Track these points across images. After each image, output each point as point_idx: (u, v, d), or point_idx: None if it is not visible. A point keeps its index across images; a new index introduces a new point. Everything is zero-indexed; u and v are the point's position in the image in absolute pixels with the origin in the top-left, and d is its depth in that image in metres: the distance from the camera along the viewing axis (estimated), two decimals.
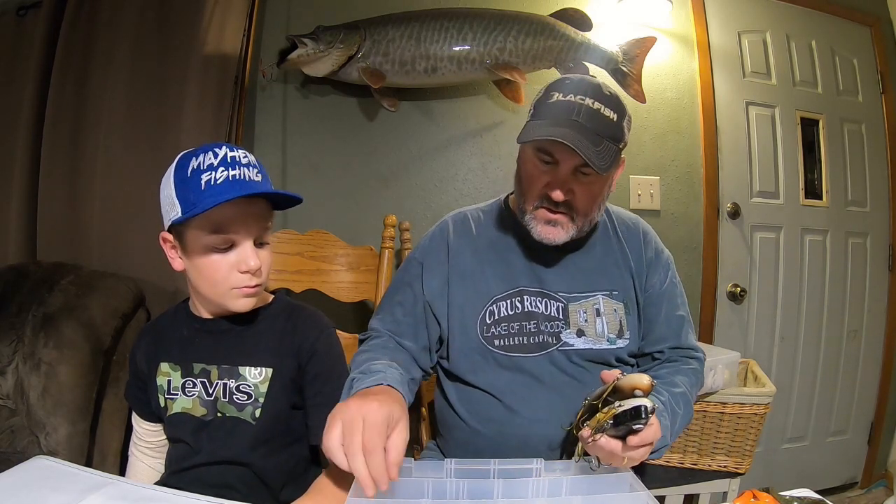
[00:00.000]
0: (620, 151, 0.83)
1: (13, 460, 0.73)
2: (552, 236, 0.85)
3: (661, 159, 1.81)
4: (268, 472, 0.81)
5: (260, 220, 0.76)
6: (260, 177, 0.74)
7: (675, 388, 0.84)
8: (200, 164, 0.71)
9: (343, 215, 1.65)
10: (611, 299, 0.90)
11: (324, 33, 1.51)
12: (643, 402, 0.62)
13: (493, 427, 0.88)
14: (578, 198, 0.83)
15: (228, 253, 0.74)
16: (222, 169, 0.71)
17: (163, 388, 0.82)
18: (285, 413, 0.82)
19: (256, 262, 0.75)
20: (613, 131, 0.80)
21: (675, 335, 0.93)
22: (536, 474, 0.66)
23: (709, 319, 1.84)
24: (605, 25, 1.72)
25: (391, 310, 0.94)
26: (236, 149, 0.74)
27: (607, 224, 0.96)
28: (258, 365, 0.80)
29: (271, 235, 0.82)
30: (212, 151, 0.72)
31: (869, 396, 2.06)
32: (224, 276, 0.74)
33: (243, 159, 0.73)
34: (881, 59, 2.02)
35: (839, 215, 1.98)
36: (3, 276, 1.26)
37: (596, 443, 0.65)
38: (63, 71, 1.51)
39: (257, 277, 0.76)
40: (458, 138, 1.72)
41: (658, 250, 0.96)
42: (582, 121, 0.78)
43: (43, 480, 0.65)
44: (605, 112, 0.80)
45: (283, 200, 0.78)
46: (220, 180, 0.70)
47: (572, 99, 0.80)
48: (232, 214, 0.72)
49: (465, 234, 0.95)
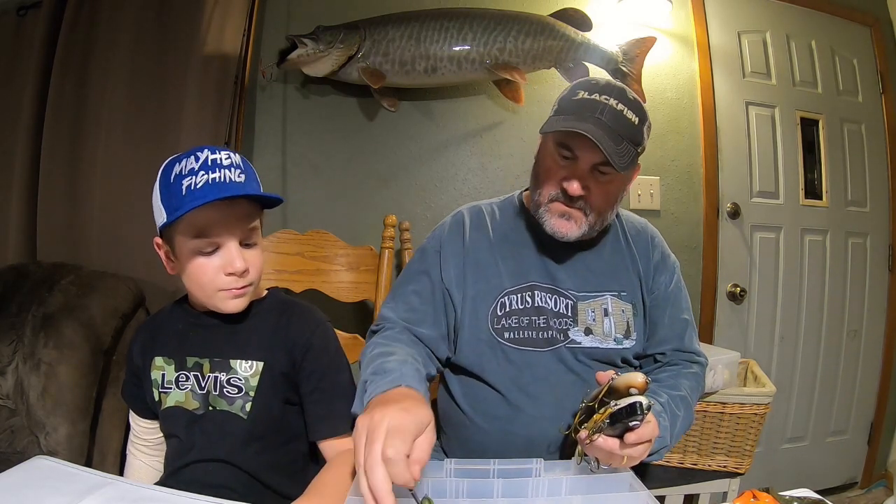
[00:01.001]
0: (638, 155, 0.84)
1: (13, 460, 0.73)
2: (564, 230, 0.86)
3: (661, 159, 1.81)
4: (263, 472, 0.80)
5: (243, 221, 0.76)
6: (243, 177, 0.74)
7: (675, 391, 0.84)
8: (182, 170, 0.72)
9: (343, 215, 1.65)
10: (619, 300, 0.91)
11: (324, 33, 1.51)
12: (638, 398, 0.62)
13: (497, 424, 0.88)
14: (594, 195, 0.84)
15: (214, 256, 0.75)
16: (202, 173, 0.71)
17: (157, 382, 0.83)
18: (277, 408, 0.81)
19: (242, 264, 0.75)
20: (634, 134, 0.81)
21: (678, 338, 0.93)
22: (536, 474, 0.66)
23: (709, 319, 1.84)
24: (605, 25, 1.72)
25: (406, 298, 0.92)
26: (219, 151, 0.74)
27: (617, 227, 0.97)
28: (249, 358, 0.81)
29: (260, 235, 0.81)
30: (194, 156, 0.72)
31: (869, 396, 2.06)
32: (211, 278, 0.75)
33: (225, 161, 0.73)
34: (881, 59, 2.02)
35: (839, 215, 1.98)
36: (3, 276, 1.26)
37: (593, 443, 0.65)
38: (63, 71, 1.51)
39: (245, 279, 0.76)
40: (458, 138, 1.72)
41: (665, 254, 0.97)
42: (605, 119, 0.79)
43: (43, 480, 0.65)
44: (628, 114, 0.81)
45: (267, 199, 0.78)
46: (199, 184, 0.70)
47: (597, 98, 0.81)
48: (213, 217, 0.72)
49: (480, 226, 0.96)
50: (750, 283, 1.89)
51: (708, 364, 0.97)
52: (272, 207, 0.81)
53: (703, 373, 0.95)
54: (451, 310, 0.91)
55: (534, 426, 0.86)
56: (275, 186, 1.65)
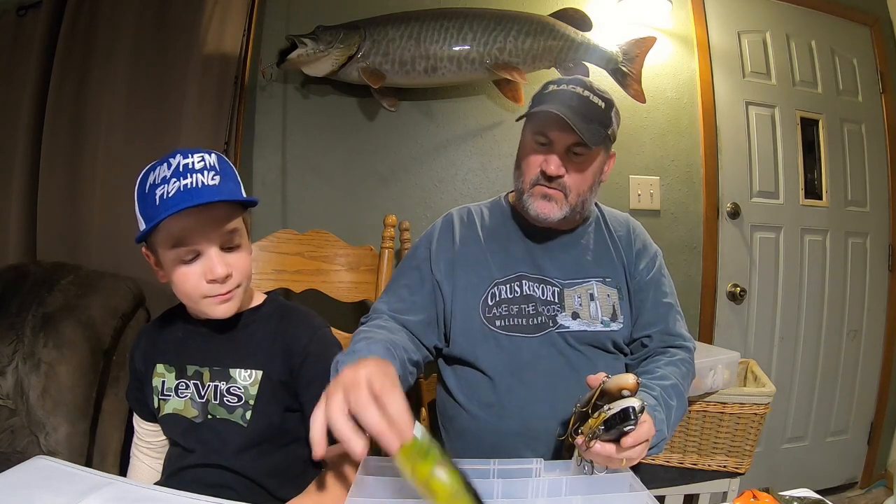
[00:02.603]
0: (609, 137, 0.92)
1: (13, 460, 0.73)
2: (547, 211, 0.92)
3: (660, 159, 1.81)
4: (262, 477, 0.80)
5: (220, 225, 0.74)
6: (217, 179, 0.72)
7: (665, 380, 0.86)
8: (156, 179, 0.71)
9: (343, 215, 1.65)
10: (605, 285, 0.96)
11: (324, 33, 1.51)
12: (631, 402, 0.62)
13: (492, 411, 0.91)
14: (572, 176, 0.91)
15: (195, 263, 0.74)
16: (174, 180, 0.69)
17: (157, 389, 0.83)
18: (277, 416, 0.81)
19: (222, 270, 0.73)
20: (601, 117, 0.90)
21: (662, 320, 0.97)
22: (536, 474, 0.66)
23: (708, 319, 1.84)
24: (605, 25, 1.72)
25: (397, 291, 0.97)
26: (192, 154, 0.72)
27: (600, 219, 1.04)
28: (248, 367, 0.80)
29: (245, 235, 0.80)
30: (167, 162, 0.71)
31: (869, 396, 2.06)
32: (194, 286, 0.74)
33: (198, 164, 0.71)
34: (881, 59, 2.02)
35: (839, 215, 1.98)
36: (3, 276, 1.26)
37: (591, 450, 0.65)
38: (63, 71, 1.51)
39: (228, 283, 0.75)
40: (458, 138, 1.72)
41: (646, 244, 1.02)
42: (573, 104, 0.89)
43: (43, 480, 0.65)
44: (594, 99, 0.90)
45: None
46: (172, 193, 0.69)
47: (564, 87, 0.92)
48: (188, 225, 0.71)
49: (470, 225, 1.02)
50: (750, 283, 1.89)
51: (696, 349, 0.99)
52: (254, 206, 0.79)
53: (692, 358, 0.97)
54: (441, 301, 0.96)
55: (527, 410, 0.89)
56: (275, 186, 1.66)
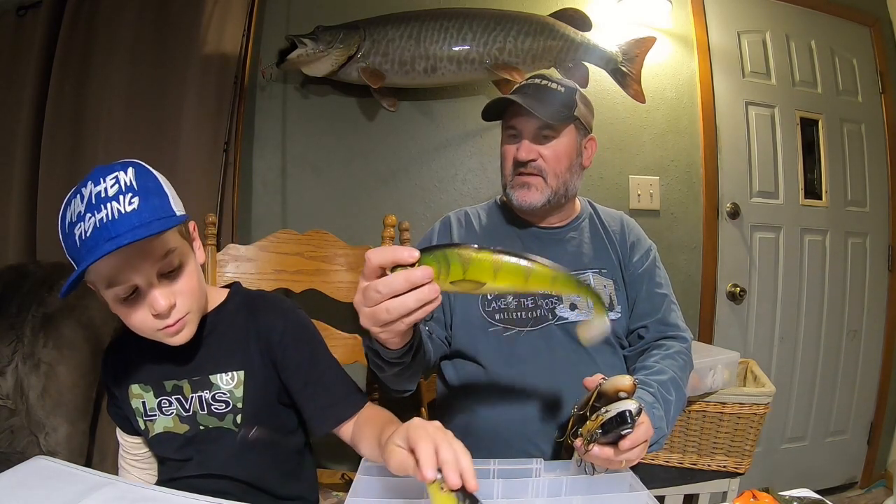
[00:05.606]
0: (577, 119, 0.96)
1: (13, 460, 0.73)
2: (528, 198, 0.95)
3: (660, 159, 1.81)
4: (259, 478, 0.79)
5: (150, 255, 0.66)
6: (136, 202, 0.64)
7: (662, 375, 0.86)
8: (73, 215, 0.65)
9: (343, 215, 1.65)
10: (601, 276, 0.98)
11: (323, 33, 1.51)
12: (627, 405, 0.62)
13: (492, 405, 0.92)
14: (546, 158, 0.95)
15: (137, 299, 0.67)
16: (89, 216, 0.63)
17: (139, 411, 0.78)
18: (268, 412, 0.79)
19: (165, 303, 0.67)
20: (563, 99, 0.95)
21: (656, 310, 0.98)
22: (536, 474, 0.66)
23: (708, 319, 1.84)
24: (604, 25, 1.72)
25: None
26: (104, 179, 0.65)
27: (593, 215, 1.07)
28: (228, 370, 0.76)
29: (190, 251, 0.73)
30: (79, 194, 0.65)
31: (869, 396, 2.06)
32: (141, 322, 0.68)
33: (111, 189, 0.64)
34: (881, 59, 2.02)
35: (839, 215, 1.98)
36: (3, 276, 1.26)
37: (589, 453, 0.65)
38: (63, 71, 1.51)
39: (175, 314, 0.69)
40: (457, 138, 1.72)
41: (639, 238, 1.05)
42: (529, 91, 0.95)
43: (43, 480, 0.65)
44: (552, 86, 0.96)
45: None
46: (89, 232, 0.62)
47: (526, 82, 0.99)
48: (117, 263, 0.64)
49: (468, 226, 1.05)
50: (750, 283, 1.89)
51: (692, 340, 1.00)
52: (188, 222, 0.72)
53: (689, 349, 0.97)
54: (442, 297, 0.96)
55: (528, 403, 0.90)
56: (274, 186, 1.66)
